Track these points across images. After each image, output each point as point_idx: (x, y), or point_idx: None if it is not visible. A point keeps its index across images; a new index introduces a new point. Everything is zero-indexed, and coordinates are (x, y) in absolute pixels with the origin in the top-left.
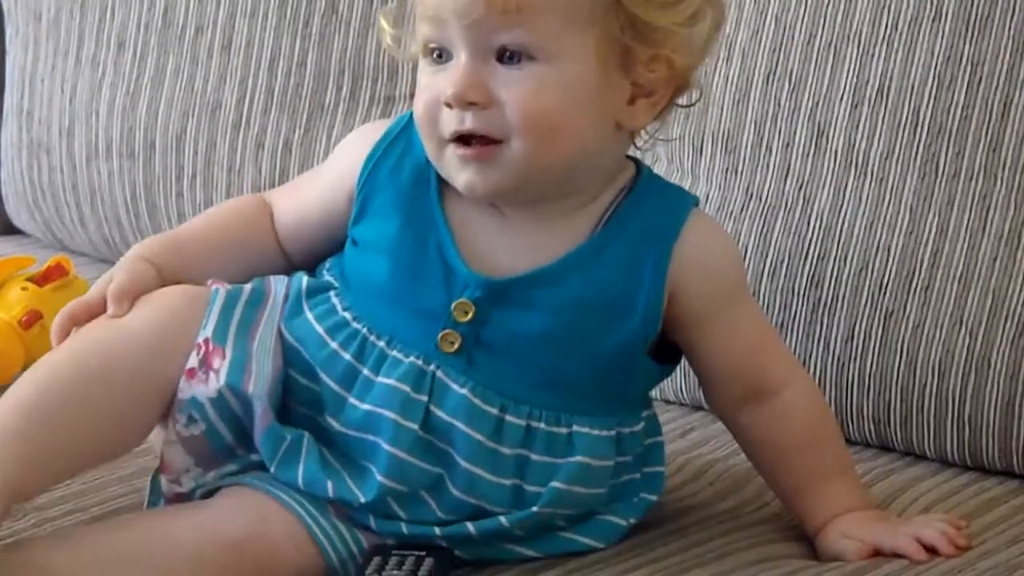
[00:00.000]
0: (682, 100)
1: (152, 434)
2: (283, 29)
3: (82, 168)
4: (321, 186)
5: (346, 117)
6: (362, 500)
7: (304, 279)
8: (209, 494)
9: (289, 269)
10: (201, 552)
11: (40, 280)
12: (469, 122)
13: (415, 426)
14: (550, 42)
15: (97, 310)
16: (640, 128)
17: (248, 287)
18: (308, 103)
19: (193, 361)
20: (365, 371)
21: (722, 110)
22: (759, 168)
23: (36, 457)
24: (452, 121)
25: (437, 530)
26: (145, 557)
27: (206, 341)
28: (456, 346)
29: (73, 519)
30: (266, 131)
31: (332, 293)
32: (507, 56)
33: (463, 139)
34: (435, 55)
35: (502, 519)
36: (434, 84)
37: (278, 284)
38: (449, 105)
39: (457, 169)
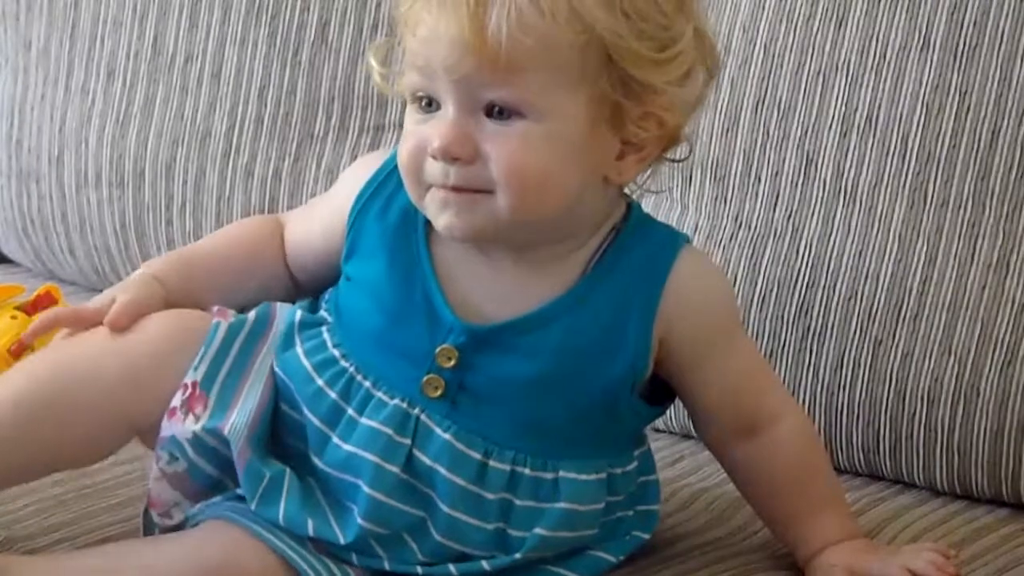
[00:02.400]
0: (671, 154)
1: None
2: (273, 58)
3: (72, 197)
4: (325, 215)
5: (336, 145)
6: (342, 542)
7: (298, 313)
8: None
9: (296, 293)
10: None
11: (29, 309)
12: (453, 177)
13: (396, 469)
14: (539, 99)
15: (87, 322)
16: (628, 182)
17: (252, 316)
18: (298, 131)
19: (177, 400)
20: (350, 411)
21: (711, 139)
22: (748, 197)
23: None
24: (437, 173)
25: (419, 569)
26: None
27: (193, 384)
28: (440, 391)
29: (63, 548)
30: (256, 159)
31: (324, 328)
32: (496, 111)
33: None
34: (423, 103)
35: (484, 564)
36: (420, 132)
37: (282, 312)
38: (434, 156)
39: (438, 210)
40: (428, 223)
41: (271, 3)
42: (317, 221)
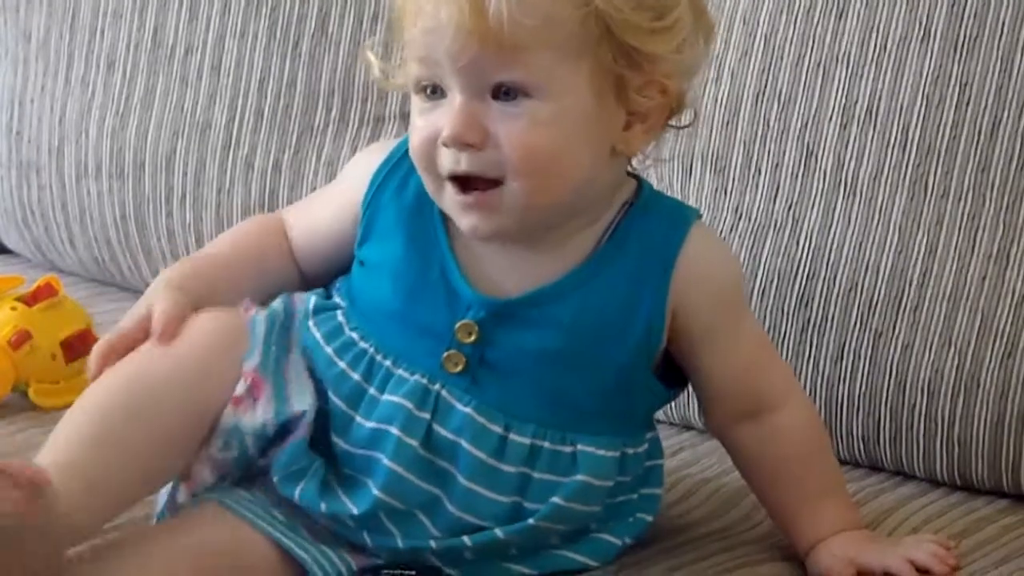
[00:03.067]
0: (676, 121)
1: None
2: (273, 50)
3: (72, 188)
4: (331, 205)
5: (336, 137)
6: (354, 512)
7: (312, 299)
8: None
9: (304, 287)
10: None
11: (29, 300)
12: (465, 164)
13: (416, 443)
14: (544, 77)
15: (136, 341)
16: (636, 152)
17: (280, 308)
18: (298, 123)
19: (240, 389)
20: (371, 390)
21: (711, 130)
22: (748, 188)
23: (96, 488)
24: (448, 161)
25: (433, 543)
26: None
27: (253, 372)
28: (461, 366)
29: None
30: (256, 151)
31: (339, 312)
32: (503, 93)
33: (461, 181)
34: (428, 91)
35: (498, 531)
36: (429, 122)
37: (299, 303)
38: (446, 144)
39: (459, 213)
40: None
41: None
42: (324, 211)
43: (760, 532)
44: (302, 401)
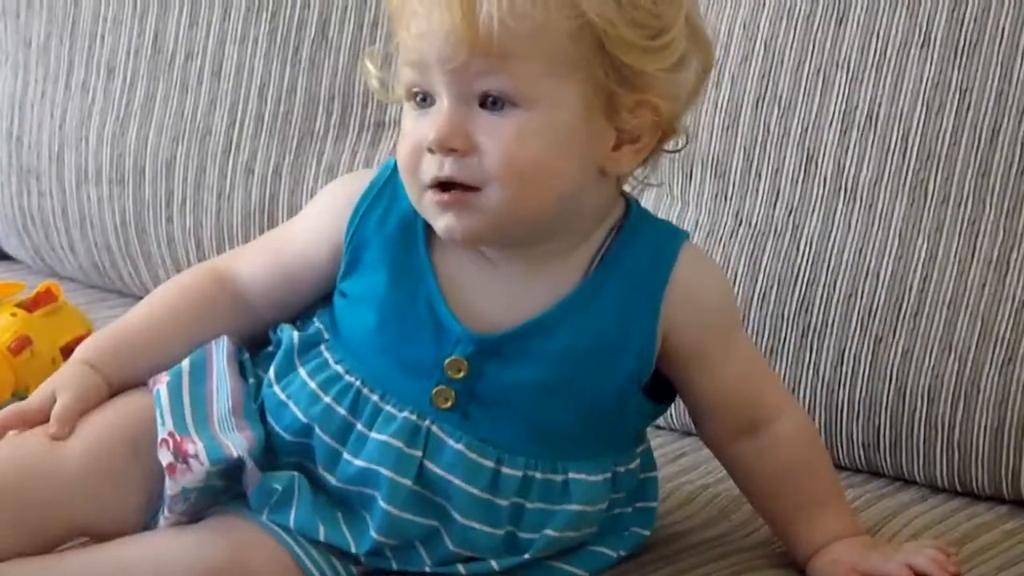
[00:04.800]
0: (669, 146)
1: None
2: (273, 55)
3: (72, 194)
4: (301, 241)
5: (336, 143)
6: (353, 551)
7: (294, 334)
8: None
9: (255, 332)
10: None
11: (30, 306)
12: (448, 169)
13: (408, 482)
14: (533, 88)
15: (35, 421)
16: (625, 174)
17: (187, 364)
18: (298, 129)
19: (167, 458)
20: (359, 426)
21: (711, 136)
22: (748, 194)
23: None
24: (432, 167)
25: (427, 569)
26: None
27: (171, 435)
28: (450, 402)
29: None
30: (256, 157)
31: (323, 347)
32: (490, 102)
33: (441, 185)
34: (419, 99)
35: (493, 563)
36: (417, 129)
37: (216, 344)
38: (431, 150)
39: (436, 214)
40: (428, 232)
41: (271, 1)
42: (292, 251)
43: (760, 538)
44: (238, 446)
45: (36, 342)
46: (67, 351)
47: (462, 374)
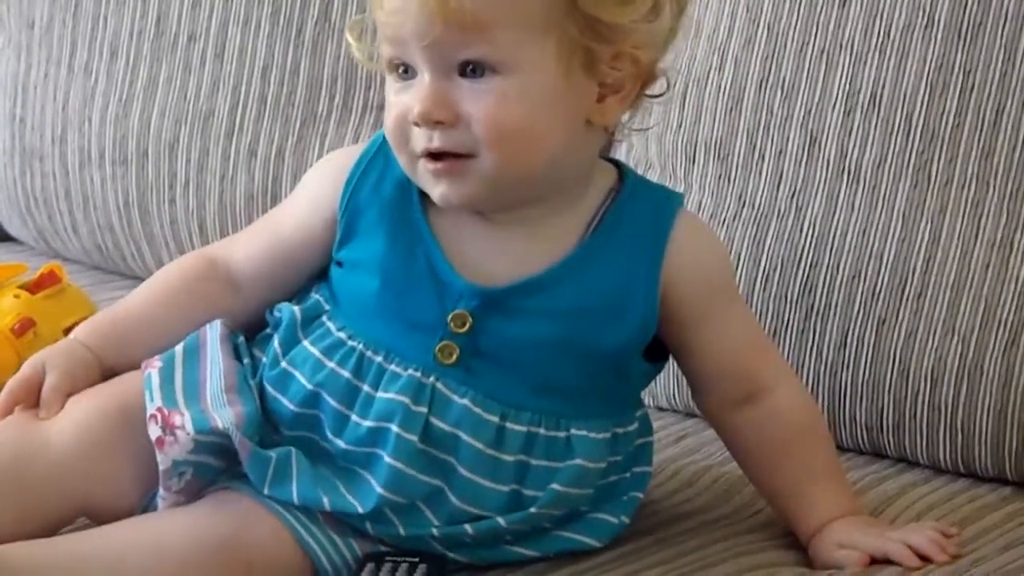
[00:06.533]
0: (654, 90)
1: None
2: (276, 37)
3: (75, 175)
4: (295, 216)
5: (339, 125)
6: (360, 511)
7: (296, 309)
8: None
9: (250, 317)
10: (187, 555)
11: (33, 288)
12: (437, 141)
13: (414, 437)
14: (510, 54)
15: (36, 389)
16: (612, 124)
17: (180, 348)
18: (301, 111)
19: (155, 432)
20: (365, 387)
21: (715, 118)
22: (752, 176)
23: None
24: (421, 139)
25: (435, 531)
26: (132, 560)
27: (159, 410)
28: (454, 357)
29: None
30: (259, 139)
31: (324, 317)
32: (470, 70)
33: (433, 154)
34: (400, 71)
35: (499, 519)
36: (401, 101)
37: (210, 328)
38: (416, 123)
39: (431, 183)
40: (423, 193)
41: None
42: (287, 230)
43: (763, 519)
44: (223, 417)
45: (39, 324)
46: (70, 333)
47: (466, 328)
